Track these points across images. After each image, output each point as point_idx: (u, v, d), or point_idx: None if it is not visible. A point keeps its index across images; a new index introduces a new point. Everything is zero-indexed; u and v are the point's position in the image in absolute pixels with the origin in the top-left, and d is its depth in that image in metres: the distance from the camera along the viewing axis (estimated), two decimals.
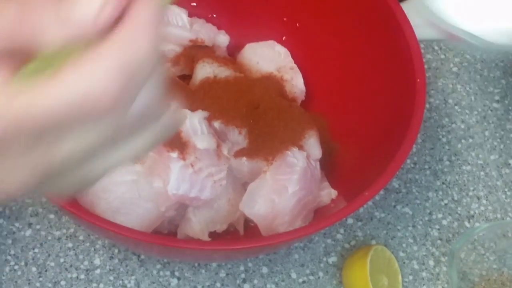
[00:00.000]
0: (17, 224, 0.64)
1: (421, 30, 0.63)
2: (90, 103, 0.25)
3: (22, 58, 0.26)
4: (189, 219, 0.60)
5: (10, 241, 0.63)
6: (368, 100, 0.66)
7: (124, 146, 0.29)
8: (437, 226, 0.69)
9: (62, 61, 0.25)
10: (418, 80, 0.59)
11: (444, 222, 0.69)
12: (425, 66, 0.66)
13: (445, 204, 0.70)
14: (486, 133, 0.76)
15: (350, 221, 0.68)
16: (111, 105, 0.26)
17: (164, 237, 0.58)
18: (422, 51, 0.62)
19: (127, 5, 0.26)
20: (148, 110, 0.29)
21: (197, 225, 0.60)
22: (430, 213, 0.69)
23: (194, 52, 0.69)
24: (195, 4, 0.74)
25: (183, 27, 0.70)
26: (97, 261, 0.63)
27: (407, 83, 0.60)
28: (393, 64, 0.63)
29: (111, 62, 0.25)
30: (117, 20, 0.26)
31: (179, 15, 0.71)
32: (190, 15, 0.72)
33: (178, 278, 0.63)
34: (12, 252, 0.62)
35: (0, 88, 0.25)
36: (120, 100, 0.26)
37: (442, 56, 0.81)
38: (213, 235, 0.60)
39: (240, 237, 0.62)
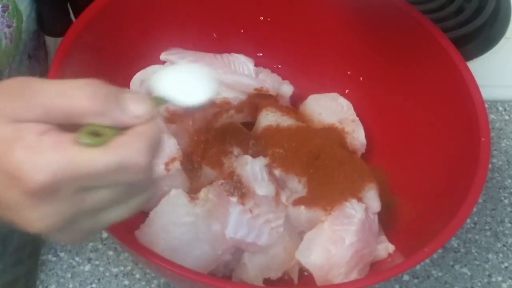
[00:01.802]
0: (77, 259, 0.65)
1: None
2: (128, 168, 0.35)
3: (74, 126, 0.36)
4: (245, 264, 0.60)
5: (69, 275, 0.64)
6: (429, 156, 0.66)
7: (124, 205, 0.38)
8: None
9: (108, 135, 0.36)
10: (483, 139, 0.58)
11: (504, 286, 0.67)
12: None
13: (506, 267, 0.68)
14: None
15: (406, 277, 0.67)
16: (142, 171, 0.36)
17: (220, 279, 0.58)
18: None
19: None
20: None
21: (252, 270, 0.60)
22: (489, 275, 0.68)
23: (258, 100, 0.71)
24: (261, 54, 0.76)
25: (249, 75, 0.72)
26: None
27: (471, 141, 0.60)
28: (457, 121, 0.63)
29: (145, 141, 0.36)
30: None
31: (245, 64, 0.73)
32: (256, 64, 0.74)
33: None
34: (71, 285, 0.64)
35: (72, 145, 0.34)
36: (147, 168, 0.36)
37: (507, 117, 0.80)
38: (267, 282, 0.60)
39: (294, 286, 0.61)
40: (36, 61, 0.65)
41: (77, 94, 0.35)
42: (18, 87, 0.35)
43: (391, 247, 0.62)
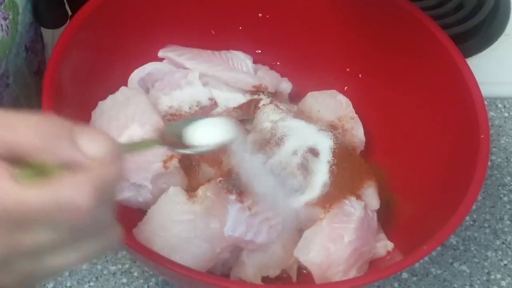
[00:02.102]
0: None
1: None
2: (67, 209, 0.32)
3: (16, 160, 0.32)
4: (243, 262, 0.60)
5: (67, 273, 0.64)
6: (429, 153, 0.66)
7: (71, 251, 0.34)
8: (495, 287, 0.67)
9: (52, 173, 0.32)
10: (482, 136, 0.58)
11: (503, 283, 0.67)
12: None
13: (505, 265, 0.68)
14: None
15: (405, 275, 0.67)
16: (84, 215, 0.32)
17: (218, 277, 0.58)
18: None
19: None
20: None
21: (250, 268, 0.60)
22: (488, 273, 0.68)
23: (257, 97, 0.71)
24: (259, 51, 0.76)
25: (248, 72, 0.72)
26: None
27: (470, 139, 0.59)
28: (456, 118, 0.63)
29: (93, 182, 0.32)
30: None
31: (244, 61, 0.73)
32: (254, 61, 0.74)
33: None
34: (68, 284, 0.63)
35: (7, 179, 0.31)
36: (92, 212, 0.32)
37: (506, 114, 0.80)
38: (265, 280, 0.60)
39: (292, 284, 0.61)
40: (33, 53, 0.65)
41: (24, 128, 0.32)
42: None
43: (390, 245, 0.62)
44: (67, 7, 0.69)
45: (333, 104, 0.72)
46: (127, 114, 0.62)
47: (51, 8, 0.65)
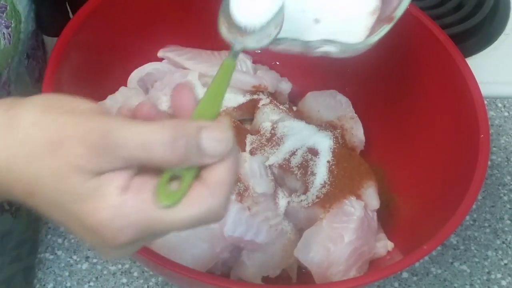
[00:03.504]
0: (74, 257, 0.65)
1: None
2: (209, 220, 0.37)
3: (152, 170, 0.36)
4: (243, 262, 0.60)
5: (67, 273, 0.64)
6: (428, 153, 0.65)
7: None
8: (495, 287, 0.67)
9: (187, 179, 0.36)
10: (482, 136, 0.58)
11: (504, 283, 0.67)
12: None
13: (505, 264, 0.68)
14: None
15: (405, 275, 0.67)
16: (221, 218, 0.37)
17: (219, 277, 0.58)
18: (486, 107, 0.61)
19: None
20: None
21: (250, 268, 0.60)
22: (488, 273, 0.68)
23: (256, 97, 0.70)
24: (259, 51, 0.75)
25: (247, 72, 0.72)
26: None
27: (470, 138, 0.59)
28: (456, 118, 0.63)
29: (226, 190, 0.36)
30: None
31: (243, 61, 0.73)
32: (254, 61, 0.74)
33: None
34: (68, 284, 0.63)
35: (153, 208, 0.35)
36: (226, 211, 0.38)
37: (506, 114, 0.80)
38: (265, 279, 0.60)
39: (292, 283, 0.61)
40: (34, 60, 0.65)
41: (157, 146, 0.35)
42: (98, 138, 0.35)
43: (390, 245, 0.62)
44: (70, 15, 0.69)
45: (333, 103, 0.72)
46: None
47: (54, 16, 0.64)
